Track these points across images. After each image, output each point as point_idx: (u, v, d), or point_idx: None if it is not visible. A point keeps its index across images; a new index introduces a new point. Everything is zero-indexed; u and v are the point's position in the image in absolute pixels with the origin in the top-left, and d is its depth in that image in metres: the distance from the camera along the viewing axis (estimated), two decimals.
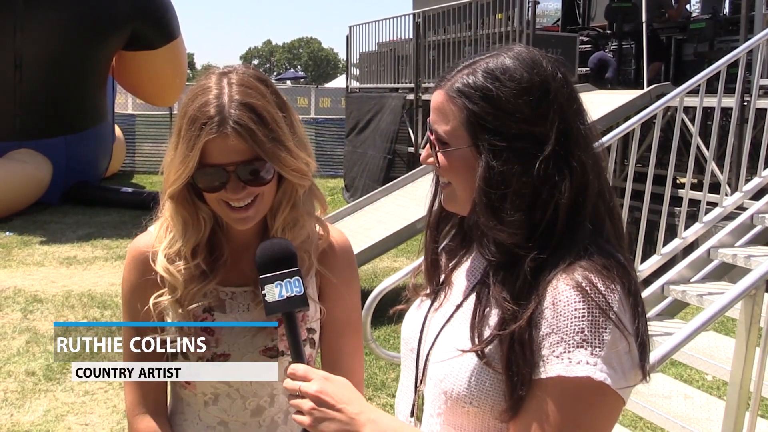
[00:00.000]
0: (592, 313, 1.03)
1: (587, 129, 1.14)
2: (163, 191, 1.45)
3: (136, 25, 11.41)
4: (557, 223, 1.09)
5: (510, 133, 1.10)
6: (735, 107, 5.25)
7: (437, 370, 1.17)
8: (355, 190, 12.31)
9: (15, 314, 6.23)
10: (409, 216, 6.73)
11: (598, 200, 1.12)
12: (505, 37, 9.61)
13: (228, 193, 1.35)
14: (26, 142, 11.01)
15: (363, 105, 13.27)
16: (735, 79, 5.37)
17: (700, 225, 4.90)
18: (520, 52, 1.15)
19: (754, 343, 2.80)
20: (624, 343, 1.04)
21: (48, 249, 8.79)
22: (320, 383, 1.15)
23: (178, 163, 1.35)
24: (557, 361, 1.03)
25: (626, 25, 9.73)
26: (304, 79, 59.14)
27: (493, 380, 1.09)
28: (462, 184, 1.16)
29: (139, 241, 1.50)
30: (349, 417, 1.12)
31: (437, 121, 1.17)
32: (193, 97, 1.37)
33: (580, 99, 1.16)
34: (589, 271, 1.05)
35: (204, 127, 1.30)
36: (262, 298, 1.23)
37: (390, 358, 4.18)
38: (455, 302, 1.22)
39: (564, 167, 1.09)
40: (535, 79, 1.11)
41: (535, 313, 1.06)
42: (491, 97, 1.11)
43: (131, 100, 18.51)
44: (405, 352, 1.31)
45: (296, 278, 1.24)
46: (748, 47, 5.07)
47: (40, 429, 4.11)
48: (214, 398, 1.48)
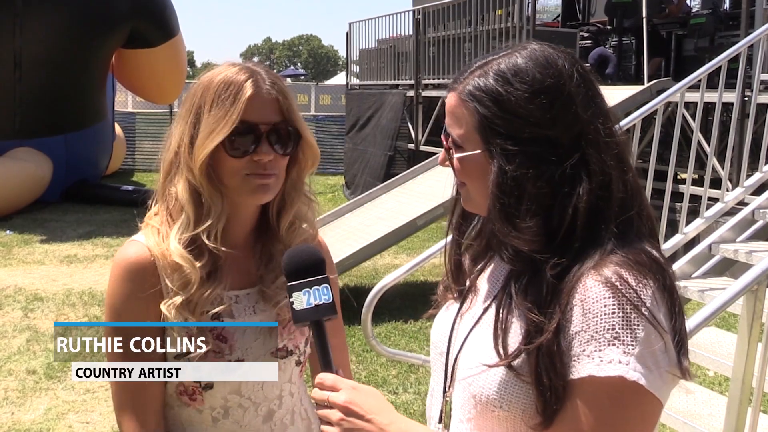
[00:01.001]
0: (623, 309, 0.99)
1: (608, 128, 1.09)
2: (160, 185, 1.43)
3: (136, 23, 11.39)
4: (577, 229, 1.05)
5: (522, 137, 1.06)
6: (736, 102, 5.24)
7: (466, 373, 1.14)
8: (356, 188, 12.30)
9: (15, 313, 6.23)
10: (410, 213, 6.72)
11: (624, 202, 1.08)
12: (505, 34, 9.61)
13: (258, 155, 1.35)
14: (26, 140, 10.99)
15: (363, 102, 13.27)
16: (736, 74, 5.36)
17: (701, 220, 4.90)
18: (534, 50, 1.11)
19: (756, 338, 2.79)
20: (659, 342, 0.99)
21: (48, 247, 8.78)
22: (349, 393, 1.13)
23: (211, 124, 1.34)
24: (588, 360, 0.99)
25: (626, 20, 9.71)
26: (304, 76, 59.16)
27: (524, 385, 1.05)
28: (477, 187, 1.14)
29: (128, 251, 1.41)
30: (379, 427, 1.10)
31: (451, 125, 1.14)
32: (211, 78, 1.38)
33: (601, 97, 1.12)
34: (619, 266, 1.01)
35: (243, 86, 1.34)
36: (290, 306, 1.21)
37: (390, 355, 4.17)
38: (482, 306, 1.19)
39: (581, 170, 1.05)
40: (548, 81, 1.07)
41: (561, 320, 1.02)
42: (502, 101, 1.08)
43: (131, 98, 18.51)
44: (434, 356, 1.28)
45: (324, 285, 1.21)
46: (749, 42, 5.05)
47: (41, 427, 4.11)
48: (224, 412, 1.43)
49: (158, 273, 1.38)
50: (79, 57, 11.09)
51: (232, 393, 1.43)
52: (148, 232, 1.43)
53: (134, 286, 1.37)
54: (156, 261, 1.38)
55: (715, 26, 8.80)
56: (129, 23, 11.38)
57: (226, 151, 1.35)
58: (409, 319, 6.03)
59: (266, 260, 1.47)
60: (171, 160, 1.41)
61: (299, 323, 1.21)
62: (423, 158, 9.31)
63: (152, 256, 1.39)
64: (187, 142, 1.38)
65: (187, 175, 1.38)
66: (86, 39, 11.00)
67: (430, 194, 7.12)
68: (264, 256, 1.48)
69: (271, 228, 1.49)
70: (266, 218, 1.49)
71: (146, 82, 12.65)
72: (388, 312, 5.95)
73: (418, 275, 7.23)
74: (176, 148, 1.40)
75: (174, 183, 1.40)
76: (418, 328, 5.86)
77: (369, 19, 13.60)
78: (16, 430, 4.07)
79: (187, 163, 1.38)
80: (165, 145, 1.45)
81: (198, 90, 1.39)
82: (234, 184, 1.38)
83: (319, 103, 23.22)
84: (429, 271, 7.57)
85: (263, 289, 1.46)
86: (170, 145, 1.42)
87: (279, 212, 1.47)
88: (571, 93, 1.08)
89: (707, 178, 4.98)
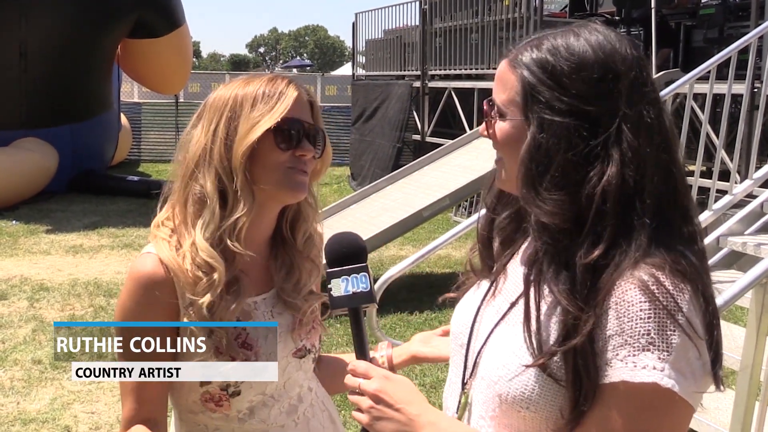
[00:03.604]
0: (659, 314, 0.97)
1: (654, 118, 1.07)
2: (179, 185, 1.40)
3: (141, 12, 11.38)
4: (607, 213, 1.02)
5: (561, 108, 1.05)
6: (745, 94, 5.19)
7: (491, 371, 1.11)
8: (363, 179, 12.29)
9: (21, 303, 6.24)
10: (416, 204, 6.71)
11: (662, 196, 1.04)
12: (512, 24, 9.55)
13: (302, 150, 1.38)
14: (32, 130, 11.01)
15: (369, 93, 13.25)
16: (745, 65, 5.30)
17: (709, 213, 4.86)
18: (593, 30, 1.10)
19: (765, 332, 2.77)
20: (694, 349, 0.97)
21: (54, 237, 8.80)
22: (380, 382, 1.13)
23: (255, 118, 1.35)
24: (621, 365, 0.97)
25: (635, 11, 9.63)
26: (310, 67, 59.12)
27: (554, 387, 1.03)
28: (512, 158, 1.12)
29: (145, 265, 1.36)
30: (408, 418, 1.09)
31: (497, 91, 1.14)
32: (237, 89, 1.40)
33: (652, 86, 1.10)
34: (656, 269, 0.99)
35: (286, 88, 1.39)
36: (328, 293, 1.22)
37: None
38: (509, 299, 1.16)
39: (614, 152, 1.03)
40: (600, 57, 1.06)
41: (598, 317, 1.00)
42: (548, 69, 1.07)
43: (137, 88, 18.51)
44: (454, 347, 1.26)
45: (363, 274, 1.22)
46: (759, 33, 5.01)
47: (47, 417, 4.12)
48: (249, 412, 1.44)
49: (174, 289, 1.36)
50: (85, 47, 11.09)
51: (257, 395, 1.44)
52: (160, 245, 1.39)
53: (146, 301, 1.35)
54: (174, 277, 1.35)
55: (725, 17, 8.72)
56: (134, 13, 11.37)
57: (274, 141, 1.37)
58: (414, 311, 6.03)
59: (287, 269, 1.48)
60: (197, 158, 1.38)
61: (336, 309, 1.23)
62: (429, 149, 9.28)
63: (169, 271, 1.35)
64: (223, 137, 1.37)
65: (219, 171, 1.36)
66: (92, 29, 11.00)
67: (435, 185, 7.11)
68: (284, 267, 1.48)
69: (286, 238, 1.50)
70: (279, 228, 1.50)
71: (152, 72, 12.65)
72: (393, 303, 5.94)
73: (423, 267, 7.23)
74: (204, 146, 1.38)
75: (198, 181, 1.38)
76: (424, 320, 5.85)
77: (375, 9, 13.57)
78: (21, 420, 4.08)
79: (220, 159, 1.36)
80: (182, 149, 1.43)
81: (226, 97, 1.39)
82: (274, 178, 1.38)
83: (325, 93, 23.21)
84: (435, 262, 7.57)
85: (283, 296, 1.47)
86: (193, 145, 1.40)
87: (293, 223, 1.49)
88: (620, 74, 1.06)
89: (716, 170, 4.95)
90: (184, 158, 1.41)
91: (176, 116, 16.43)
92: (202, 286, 1.34)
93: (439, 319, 5.81)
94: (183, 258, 1.36)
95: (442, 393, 1.32)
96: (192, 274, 1.34)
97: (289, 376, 1.48)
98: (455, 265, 7.37)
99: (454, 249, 7.82)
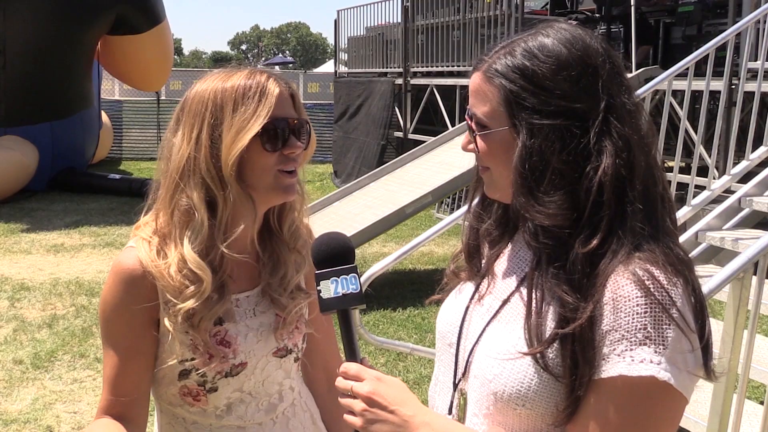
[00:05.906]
0: (654, 309, 0.99)
1: (633, 105, 1.10)
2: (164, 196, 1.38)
3: (121, 8, 11.26)
4: (604, 203, 1.04)
5: (549, 111, 1.06)
6: (723, 90, 5.25)
7: (485, 369, 1.12)
8: (347, 177, 12.26)
9: (2, 302, 6.18)
10: (398, 201, 6.72)
11: (647, 181, 1.07)
12: (494, 21, 9.58)
13: (290, 148, 1.37)
14: (11, 128, 10.88)
15: (352, 90, 13.22)
16: (723, 62, 5.36)
17: (688, 208, 4.91)
18: (560, 29, 1.12)
19: (742, 326, 2.81)
20: (686, 342, 1.00)
21: (35, 236, 8.71)
22: (373, 384, 1.11)
23: (240, 123, 1.32)
24: (619, 359, 0.99)
25: (614, 8, 9.70)
26: (292, 64, 58.84)
27: (549, 382, 1.04)
28: (501, 168, 1.12)
29: (127, 260, 1.38)
30: (403, 419, 1.08)
31: (475, 104, 1.14)
32: (216, 86, 1.37)
33: (625, 74, 1.12)
34: (650, 264, 1.01)
35: (267, 84, 1.35)
36: (317, 295, 1.19)
37: (379, 343, 4.18)
38: (500, 297, 1.17)
39: (606, 143, 1.05)
40: (575, 54, 1.08)
41: (595, 310, 1.01)
42: (529, 74, 1.08)
43: (118, 86, 18.35)
44: (442, 346, 1.26)
45: (353, 275, 1.20)
46: (736, 30, 5.06)
47: (28, 417, 4.08)
48: (227, 408, 1.45)
49: (155, 287, 1.36)
50: (65, 43, 10.97)
51: (234, 391, 1.44)
52: (141, 244, 1.39)
53: (127, 297, 1.37)
54: (152, 277, 1.36)
55: (703, 14, 8.80)
56: (114, 9, 11.25)
57: (261, 145, 1.34)
58: (397, 308, 6.04)
59: (273, 264, 1.48)
60: (181, 169, 1.35)
61: (326, 312, 1.20)
62: (412, 146, 9.29)
63: (149, 270, 1.36)
64: (207, 145, 1.33)
65: (207, 180, 1.34)
66: (71, 25, 10.88)
67: (418, 182, 7.11)
68: (271, 261, 1.48)
69: (273, 231, 1.49)
70: (266, 220, 1.49)
71: (132, 69, 12.52)
72: (376, 300, 5.95)
73: (406, 263, 7.24)
74: (187, 156, 1.35)
75: (185, 192, 1.35)
76: (407, 317, 5.87)
77: (357, 6, 13.55)
78: (3, 420, 4.05)
79: (207, 169, 1.34)
80: (163, 158, 1.40)
81: (204, 98, 1.36)
82: (265, 182, 1.37)
83: (308, 91, 23.10)
84: (417, 259, 7.58)
85: (269, 292, 1.46)
86: (175, 155, 1.37)
87: (280, 214, 1.48)
88: (597, 66, 1.08)
89: (694, 165, 5.00)
90: (166, 168, 1.38)
91: (158, 114, 16.29)
92: (188, 294, 1.34)
93: (422, 316, 5.83)
94: (167, 265, 1.35)
95: (426, 389, 1.33)
96: (178, 282, 1.34)
97: (268, 375, 1.47)
98: (438, 262, 7.40)
99: (437, 246, 7.84)
